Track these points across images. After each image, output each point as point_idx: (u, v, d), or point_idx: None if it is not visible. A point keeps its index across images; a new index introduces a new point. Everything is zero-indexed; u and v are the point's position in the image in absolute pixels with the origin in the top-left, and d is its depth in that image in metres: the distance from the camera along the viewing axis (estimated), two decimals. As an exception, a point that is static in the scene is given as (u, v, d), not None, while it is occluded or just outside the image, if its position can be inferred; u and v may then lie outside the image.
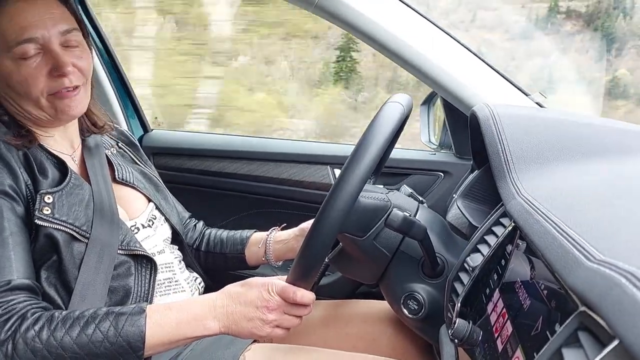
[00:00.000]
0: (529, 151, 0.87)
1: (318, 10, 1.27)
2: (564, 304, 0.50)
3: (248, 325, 0.90)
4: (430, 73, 1.27)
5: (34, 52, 0.95)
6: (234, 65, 5.26)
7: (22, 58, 0.95)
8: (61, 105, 0.99)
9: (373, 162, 0.84)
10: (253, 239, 1.27)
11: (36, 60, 0.96)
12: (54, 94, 0.98)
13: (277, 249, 1.23)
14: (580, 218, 0.58)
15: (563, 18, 4.89)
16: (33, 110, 0.99)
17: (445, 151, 1.66)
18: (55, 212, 0.95)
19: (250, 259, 1.27)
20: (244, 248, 1.27)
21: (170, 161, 1.91)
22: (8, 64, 0.95)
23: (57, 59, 0.96)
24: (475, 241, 0.88)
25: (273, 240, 1.24)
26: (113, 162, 1.15)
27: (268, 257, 1.24)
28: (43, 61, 0.96)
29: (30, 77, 0.95)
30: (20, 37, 0.94)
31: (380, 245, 1.01)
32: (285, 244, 1.22)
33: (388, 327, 1.18)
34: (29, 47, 0.94)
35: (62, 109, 0.99)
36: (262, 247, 1.24)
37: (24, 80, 0.95)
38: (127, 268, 1.02)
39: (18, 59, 0.95)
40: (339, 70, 4.96)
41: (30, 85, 0.96)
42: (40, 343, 0.84)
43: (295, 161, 1.76)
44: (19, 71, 0.95)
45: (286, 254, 1.22)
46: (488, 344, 0.69)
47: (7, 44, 0.94)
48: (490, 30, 4.58)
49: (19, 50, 0.94)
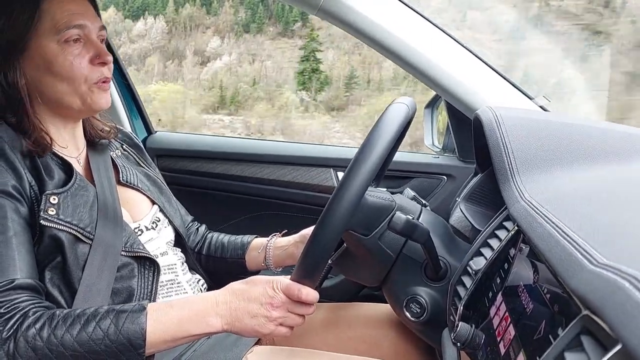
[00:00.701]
0: (533, 155, 0.87)
1: (322, 14, 1.27)
2: (566, 308, 0.50)
3: (251, 322, 0.90)
4: (434, 76, 1.28)
5: (78, 37, 1.00)
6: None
7: (66, 42, 0.98)
8: (97, 94, 1.03)
9: (379, 160, 0.85)
10: (254, 245, 1.27)
11: (79, 47, 1.00)
12: (95, 83, 1.02)
13: (276, 255, 1.23)
14: (584, 222, 0.58)
15: (554, 17, 4.90)
16: (68, 97, 1.01)
17: (448, 154, 1.66)
18: (60, 213, 0.95)
19: (250, 264, 1.27)
20: (244, 253, 1.27)
21: (173, 163, 1.92)
22: (54, 47, 0.98)
23: (99, 48, 1.02)
24: (479, 245, 0.88)
25: (273, 246, 1.24)
26: (118, 165, 1.16)
27: (268, 262, 1.24)
28: (85, 49, 1.01)
29: (75, 60, 0.99)
30: (70, 22, 0.98)
31: (385, 245, 1.01)
32: (284, 250, 1.22)
33: (390, 330, 1.18)
34: (76, 33, 0.99)
35: (97, 97, 1.03)
36: (262, 252, 1.24)
37: (70, 63, 0.99)
38: (130, 270, 1.02)
39: (64, 42, 0.98)
40: (301, 71, 5.01)
41: (75, 68, 0.99)
42: (41, 341, 0.84)
43: (298, 164, 1.76)
44: (65, 54, 0.98)
45: (286, 260, 1.22)
46: (490, 347, 0.69)
47: (56, 28, 0.98)
48: (480, 30, 4.60)
49: (67, 34, 0.98)
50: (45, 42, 0.98)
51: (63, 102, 1.01)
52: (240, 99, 5.16)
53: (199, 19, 7.30)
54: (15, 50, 0.97)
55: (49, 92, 1.01)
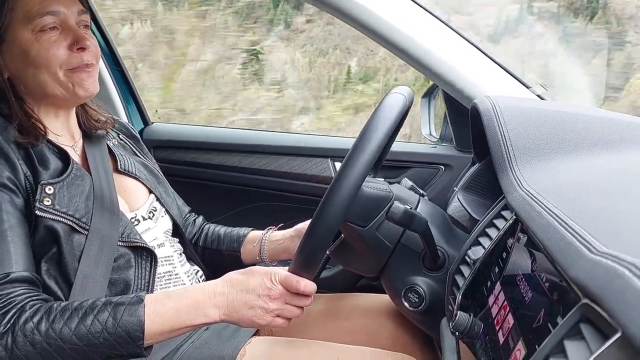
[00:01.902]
0: (531, 143, 0.86)
1: (316, 2, 1.26)
2: (565, 296, 0.50)
3: (249, 313, 0.90)
4: (431, 65, 1.27)
5: (54, 25, 0.97)
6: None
7: (42, 30, 0.96)
8: (78, 80, 1.00)
9: (376, 150, 0.85)
10: (249, 237, 1.27)
11: (55, 34, 0.98)
12: (73, 69, 0.99)
13: (271, 249, 1.23)
14: (582, 210, 0.58)
15: (535, 19, 4.93)
16: (49, 86, 0.99)
17: (445, 144, 1.66)
18: (56, 203, 0.95)
19: (245, 257, 1.27)
20: (240, 246, 1.27)
21: (170, 154, 1.91)
22: (28, 37, 0.96)
23: (77, 34, 0.99)
24: (477, 234, 0.88)
25: (268, 239, 1.23)
26: (115, 153, 1.15)
27: (263, 256, 1.23)
28: (62, 36, 0.99)
29: (51, 48, 0.97)
30: (42, 9, 0.96)
31: (382, 236, 1.01)
32: (279, 244, 1.21)
33: (388, 321, 1.18)
34: (50, 20, 0.97)
35: (79, 83, 1.00)
36: (257, 245, 1.24)
37: (45, 51, 0.97)
38: (127, 260, 1.02)
39: (39, 31, 0.96)
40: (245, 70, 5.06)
41: (51, 56, 0.97)
42: (39, 335, 0.84)
43: (295, 154, 1.76)
44: (40, 42, 0.96)
45: (280, 254, 1.22)
46: (489, 336, 0.69)
47: (28, 16, 0.96)
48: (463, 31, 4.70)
49: (40, 22, 0.96)
50: (20, 32, 0.96)
51: (47, 91, 1.00)
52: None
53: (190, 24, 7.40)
54: None
55: (31, 82, 0.99)
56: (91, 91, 1.03)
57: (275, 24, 5.50)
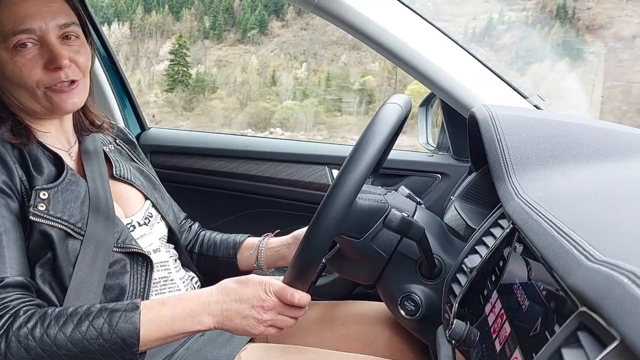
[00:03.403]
0: (528, 153, 0.87)
1: (317, 11, 1.27)
2: (563, 305, 0.50)
3: (242, 322, 0.90)
4: (429, 74, 1.27)
5: (30, 43, 0.95)
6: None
7: (16, 49, 0.94)
8: (57, 99, 0.98)
9: (370, 164, 0.84)
10: (246, 244, 1.26)
11: (32, 52, 0.95)
12: (50, 87, 0.97)
13: (268, 256, 1.22)
14: (580, 219, 0.58)
15: (504, 29, 4.99)
16: (28, 102, 0.98)
17: (443, 153, 1.66)
18: (50, 208, 0.94)
19: (242, 264, 1.26)
20: (236, 253, 1.26)
21: (167, 160, 1.91)
22: (3, 55, 0.95)
23: (54, 52, 0.95)
24: (473, 242, 0.88)
25: (265, 247, 1.23)
26: (111, 159, 1.15)
27: (260, 263, 1.23)
28: (39, 53, 0.96)
29: (25, 68, 0.95)
30: (16, 27, 0.93)
31: (378, 246, 1.00)
32: (276, 252, 1.21)
33: (385, 328, 1.17)
34: (24, 38, 0.94)
35: (57, 103, 0.98)
36: (254, 252, 1.23)
37: (19, 70, 0.94)
38: (122, 266, 1.01)
39: (13, 49, 0.94)
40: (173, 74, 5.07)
41: (25, 76, 0.95)
42: (33, 341, 0.83)
43: (293, 161, 1.76)
44: (14, 62, 0.94)
45: (278, 262, 1.22)
46: (486, 344, 0.69)
47: (3, 34, 0.94)
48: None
49: (14, 40, 0.93)
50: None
51: (26, 106, 0.99)
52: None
53: (166, 25, 7.41)
54: None
55: (11, 97, 0.99)
56: (71, 108, 1.01)
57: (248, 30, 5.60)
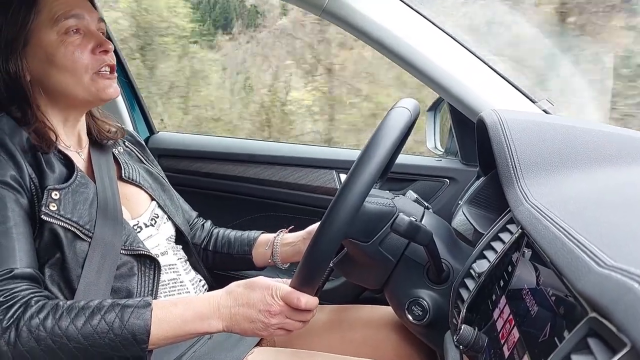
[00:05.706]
0: (537, 158, 0.86)
1: (326, 15, 1.27)
2: (572, 310, 0.50)
3: (250, 326, 0.90)
4: (438, 79, 1.27)
5: (77, 28, 1.00)
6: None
7: (66, 33, 0.99)
8: (102, 85, 1.03)
9: (379, 168, 0.84)
10: (260, 240, 1.27)
11: (79, 38, 1.01)
12: (97, 73, 1.02)
13: (284, 251, 1.23)
14: (590, 224, 0.58)
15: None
16: (72, 88, 1.01)
17: (451, 157, 1.66)
18: (61, 209, 0.95)
19: (257, 260, 1.27)
20: (251, 249, 1.27)
21: (175, 163, 1.92)
22: (53, 38, 0.99)
23: (99, 38, 1.03)
24: (482, 247, 0.88)
25: (280, 242, 1.24)
26: (120, 161, 1.15)
27: (275, 259, 1.23)
28: (85, 40, 1.01)
29: (77, 51, 1.00)
30: (68, 12, 0.99)
31: (385, 250, 1.00)
32: (292, 247, 1.22)
33: (392, 333, 1.17)
34: (74, 22, 1.00)
35: (102, 88, 1.03)
36: (269, 248, 1.24)
37: (71, 53, 0.99)
38: (129, 268, 1.02)
39: (63, 34, 0.99)
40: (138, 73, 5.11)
41: (76, 58, 0.99)
42: (44, 331, 0.84)
43: (301, 165, 1.76)
44: (65, 46, 0.99)
45: (293, 257, 1.22)
46: (494, 350, 0.69)
47: (54, 19, 0.98)
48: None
49: (65, 25, 0.99)
50: (45, 34, 0.98)
51: (68, 93, 1.02)
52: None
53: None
54: (17, 45, 0.98)
55: (53, 84, 1.01)
56: (113, 94, 1.06)
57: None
